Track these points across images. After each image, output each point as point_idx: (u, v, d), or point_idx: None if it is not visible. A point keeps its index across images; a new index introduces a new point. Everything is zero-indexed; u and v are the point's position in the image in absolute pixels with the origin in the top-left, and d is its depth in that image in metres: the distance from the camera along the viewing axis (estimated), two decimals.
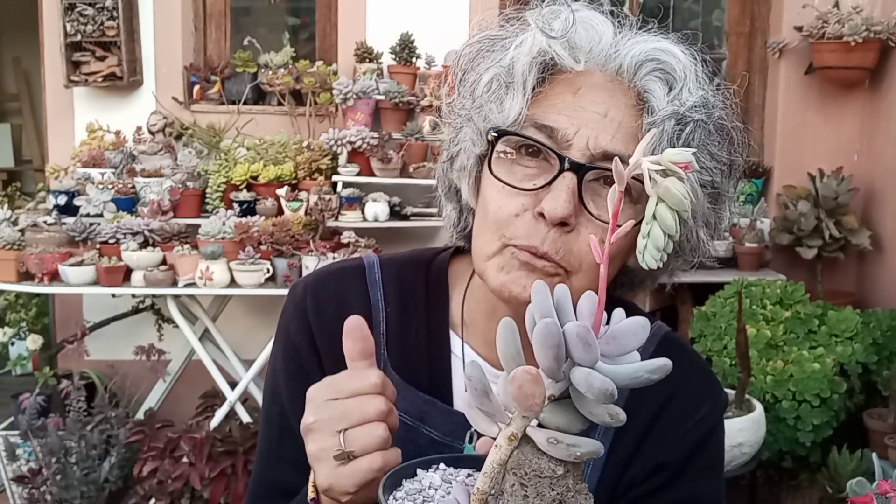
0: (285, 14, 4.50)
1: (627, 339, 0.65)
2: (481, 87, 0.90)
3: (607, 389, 0.62)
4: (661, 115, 0.84)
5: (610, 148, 0.84)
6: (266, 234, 3.17)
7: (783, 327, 3.11)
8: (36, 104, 6.33)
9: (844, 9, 3.63)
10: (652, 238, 0.65)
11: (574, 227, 0.85)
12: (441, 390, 1.00)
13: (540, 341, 0.63)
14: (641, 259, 0.66)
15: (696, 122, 0.84)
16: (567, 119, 0.85)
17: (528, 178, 0.87)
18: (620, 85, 0.86)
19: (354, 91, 3.49)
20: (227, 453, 3.04)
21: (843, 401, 2.96)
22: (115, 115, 3.75)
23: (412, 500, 0.71)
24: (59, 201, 3.38)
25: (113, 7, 3.55)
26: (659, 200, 0.65)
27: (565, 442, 0.66)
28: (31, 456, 3.24)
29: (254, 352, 3.36)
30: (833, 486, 2.73)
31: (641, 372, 0.65)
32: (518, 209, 0.86)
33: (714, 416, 1.01)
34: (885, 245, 3.67)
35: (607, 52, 0.87)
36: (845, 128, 3.85)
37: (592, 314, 0.66)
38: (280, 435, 1.02)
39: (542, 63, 0.87)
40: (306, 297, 1.02)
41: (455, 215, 1.01)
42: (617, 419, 0.66)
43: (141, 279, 3.10)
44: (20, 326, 3.50)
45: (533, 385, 0.64)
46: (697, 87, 0.86)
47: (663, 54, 0.86)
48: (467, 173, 0.94)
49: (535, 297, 0.66)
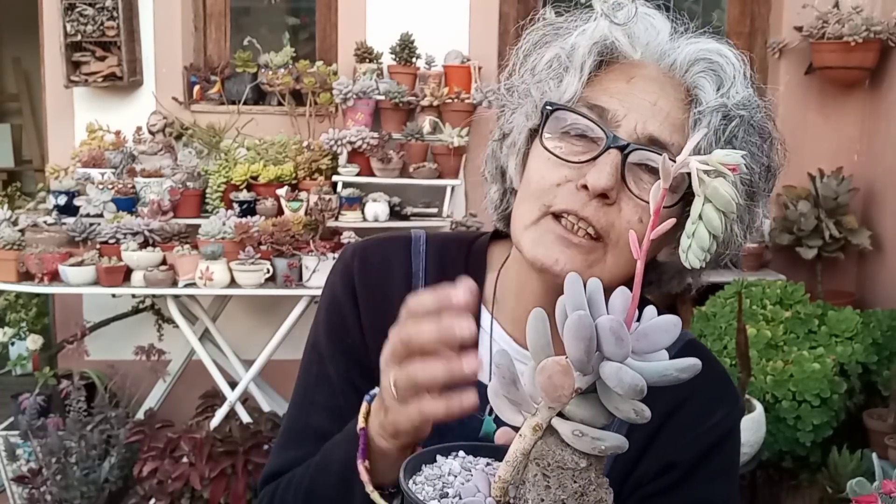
0: (285, 14, 4.50)
1: (659, 337, 0.65)
2: (542, 64, 0.95)
3: (637, 385, 0.62)
4: (708, 107, 0.88)
5: (657, 134, 0.88)
6: (266, 234, 3.17)
7: (783, 327, 3.11)
8: (36, 104, 6.33)
9: (844, 9, 3.63)
10: (697, 238, 0.65)
11: (615, 202, 0.88)
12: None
13: (572, 333, 0.63)
14: (685, 258, 0.66)
15: (741, 118, 0.88)
16: (618, 102, 0.90)
17: (575, 154, 0.91)
18: (672, 80, 0.91)
19: (354, 91, 3.49)
20: (227, 453, 3.04)
21: (843, 401, 2.96)
22: (115, 115, 3.75)
23: (432, 486, 0.72)
24: (59, 201, 3.38)
25: (113, 7, 3.55)
26: (706, 201, 0.64)
27: (590, 435, 0.66)
28: (31, 456, 3.24)
29: (254, 352, 3.36)
30: (833, 487, 2.73)
31: (671, 370, 0.65)
32: (561, 179, 0.90)
33: (729, 421, 1.02)
34: (885, 245, 3.67)
35: (663, 47, 0.92)
36: (845, 128, 3.85)
37: (624, 309, 0.66)
38: (316, 381, 1.07)
39: (601, 48, 0.92)
40: (354, 259, 1.08)
41: (498, 196, 1.04)
42: (642, 416, 0.66)
43: (141, 279, 3.10)
44: (20, 326, 3.50)
45: (562, 376, 0.64)
46: (744, 87, 0.90)
47: (715, 55, 0.91)
48: (517, 150, 0.98)
49: (568, 289, 0.66)
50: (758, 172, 0.92)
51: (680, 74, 0.91)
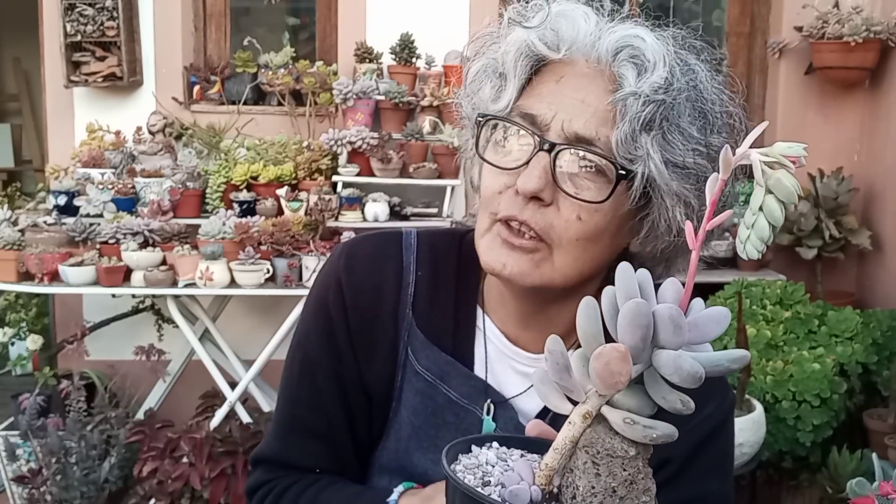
0: (285, 14, 4.50)
1: (710, 328, 0.65)
2: (471, 77, 0.97)
3: (697, 372, 0.62)
4: (620, 96, 0.87)
5: (582, 131, 0.89)
6: (266, 234, 3.16)
7: (783, 327, 3.11)
8: (36, 104, 6.33)
9: (844, 9, 3.63)
10: (756, 229, 0.65)
11: (553, 202, 0.90)
12: (464, 356, 1.04)
13: (629, 320, 0.63)
14: (742, 249, 0.66)
15: (659, 102, 0.87)
16: (547, 105, 0.91)
17: (512, 161, 0.92)
18: (601, 72, 0.91)
19: (354, 91, 3.49)
20: (227, 453, 3.04)
21: (843, 401, 2.96)
22: (115, 116, 3.75)
23: (472, 474, 0.72)
24: (59, 201, 3.38)
25: (113, 7, 3.55)
26: (767, 191, 0.64)
27: (642, 423, 0.66)
28: (31, 456, 3.24)
29: (254, 352, 3.36)
30: (833, 487, 2.73)
31: (723, 360, 0.65)
32: (501, 187, 0.93)
33: (721, 413, 1.02)
34: (885, 245, 3.67)
35: (587, 40, 0.91)
36: (845, 128, 3.85)
37: (676, 300, 0.66)
38: (300, 380, 1.08)
39: (528, 55, 0.93)
40: (341, 257, 1.07)
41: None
42: (688, 407, 0.66)
43: (141, 279, 3.10)
44: (20, 326, 3.50)
45: (621, 363, 0.64)
46: (664, 69, 0.88)
47: (636, 40, 0.89)
48: (472, 162, 1.01)
49: (620, 278, 0.66)
50: (693, 152, 0.89)
51: (607, 65, 0.90)
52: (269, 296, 3.34)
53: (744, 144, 0.65)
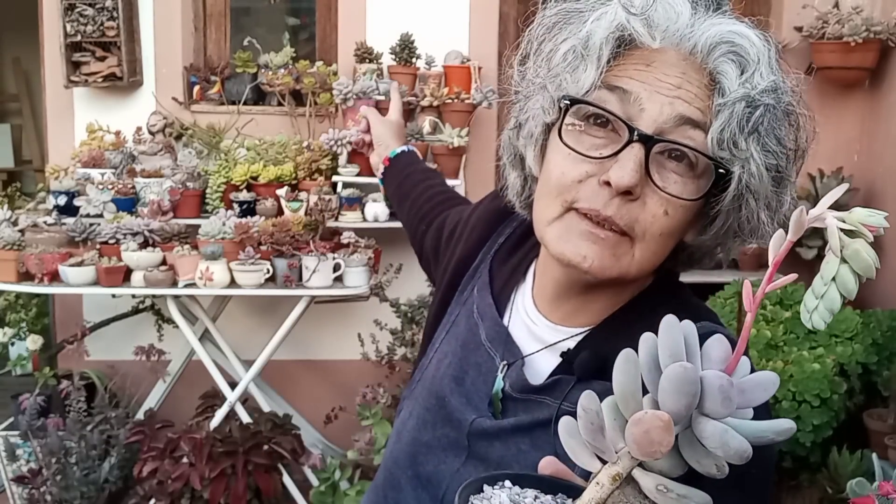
0: (285, 14, 4.50)
1: (757, 394, 0.62)
2: (558, 57, 0.91)
3: (745, 451, 0.59)
4: (732, 96, 0.84)
5: (688, 113, 0.85)
6: (266, 234, 3.16)
7: (783, 327, 3.11)
8: (36, 104, 6.33)
9: (844, 9, 3.63)
10: (826, 300, 0.60)
11: (639, 196, 0.86)
12: (500, 307, 1.09)
13: (675, 386, 0.59)
14: (807, 320, 0.61)
15: (766, 105, 0.85)
16: (640, 85, 0.87)
17: (596, 147, 0.88)
18: (693, 64, 0.87)
19: (354, 91, 3.49)
20: (227, 453, 3.04)
21: (843, 401, 2.96)
22: (115, 116, 3.75)
23: None
24: (59, 201, 3.38)
25: (113, 7, 3.54)
26: (842, 261, 0.59)
27: (676, 492, 0.63)
28: (31, 456, 3.24)
29: (254, 352, 3.36)
30: (833, 487, 2.73)
31: (769, 432, 0.61)
32: (582, 175, 0.88)
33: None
34: (885, 245, 3.67)
35: (683, 31, 0.88)
36: (845, 128, 3.85)
37: (722, 359, 0.62)
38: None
39: (618, 38, 0.88)
40: (496, 196, 1.18)
41: (519, 183, 1.03)
42: (722, 471, 0.62)
43: (141, 279, 3.10)
44: (20, 327, 3.50)
45: (663, 433, 0.60)
46: (769, 72, 0.86)
47: (738, 37, 0.87)
48: (534, 141, 0.96)
49: (664, 333, 0.62)
50: (785, 157, 0.89)
51: (702, 59, 0.87)
52: (269, 296, 3.34)
53: (819, 206, 0.61)
